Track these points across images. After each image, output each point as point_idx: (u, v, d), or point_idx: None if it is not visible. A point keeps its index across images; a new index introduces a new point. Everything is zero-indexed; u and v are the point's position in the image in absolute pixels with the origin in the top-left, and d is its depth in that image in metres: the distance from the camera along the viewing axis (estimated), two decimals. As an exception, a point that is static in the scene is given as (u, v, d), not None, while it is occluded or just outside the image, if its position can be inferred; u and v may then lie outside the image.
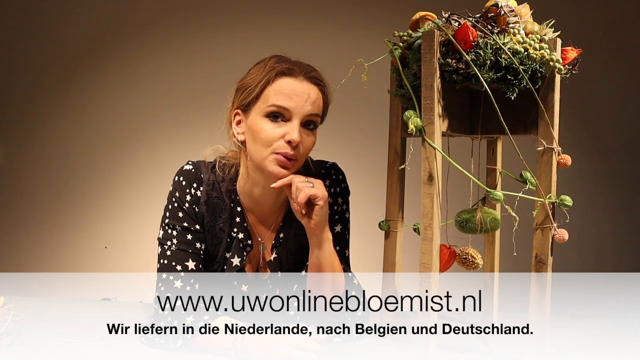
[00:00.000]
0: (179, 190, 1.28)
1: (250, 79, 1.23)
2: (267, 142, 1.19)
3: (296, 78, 1.20)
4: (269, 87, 1.20)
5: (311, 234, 1.22)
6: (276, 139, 1.19)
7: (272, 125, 1.19)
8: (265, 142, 1.19)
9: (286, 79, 1.20)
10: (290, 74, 1.20)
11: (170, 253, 1.25)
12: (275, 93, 1.19)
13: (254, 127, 1.21)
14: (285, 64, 1.21)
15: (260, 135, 1.19)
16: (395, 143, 1.32)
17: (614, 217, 3.03)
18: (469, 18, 1.05)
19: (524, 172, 1.11)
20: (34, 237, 3.10)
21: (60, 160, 3.11)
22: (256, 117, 1.21)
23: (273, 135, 1.19)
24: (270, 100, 1.19)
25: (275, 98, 1.18)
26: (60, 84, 3.10)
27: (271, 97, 1.19)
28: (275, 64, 1.21)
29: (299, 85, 1.20)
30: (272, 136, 1.19)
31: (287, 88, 1.19)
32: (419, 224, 1.14)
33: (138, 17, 3.08)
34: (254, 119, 1.21)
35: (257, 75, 1.22)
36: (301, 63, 1.23)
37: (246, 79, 1.24)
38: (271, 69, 1.20)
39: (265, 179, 1.26)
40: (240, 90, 1.24)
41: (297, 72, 1.20)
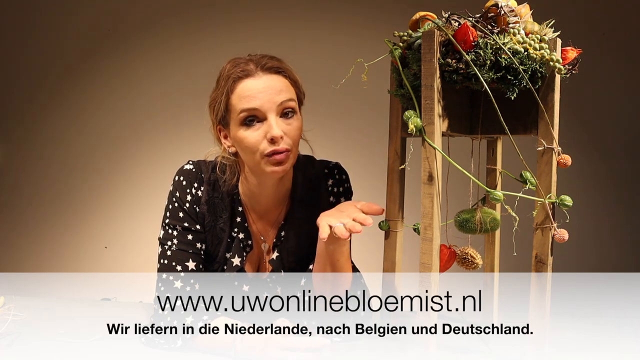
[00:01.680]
0: (179, 190, 1.28)
1: (215, 94, 1.23)
2: (252, 148, 1.19)
3: (254, 77, 1.19)
4: (232, 97, 1.19)
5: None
6: (260, 142, 1.18)
7: (250, 131, 1.18)
8: (251, 149, 1.19)
9: (244, 81, 1.19)
10: (246, 75, 1.19)
11: (171, 253, 1.25)
12: (239, 99, 1.18)
13: (236, 139, 1.21)
14: (238, 67, 1.20)
15: (244, 143, 1.19)
16: (395, 143, 1.32)
17: (614, 217, 3.03)
18: (469, 18, 1.05)
19: (524, 172, 1.11)
20: (34, 237, 3.10)
21: (61, 160, 3.11)
22: (234, 128, 1.21)
23: (255, 140, 1.18)
24: (237, 108, 1.18)
25: (241, 104, 1.18)
26: (60, 84, 3.10)
27: (237, 105, 1.18)
28: (229, 72, 1.20)
29: (258, 82, 1.19)
30: (255, 141, 1.18)
31: (248, 90, 1.18)
32: (419, 224, 1.14)
33: (138, 17, 3.08)
34: (233, 131, 1.21)
35: (218, 88, 1.22)
36: (255, 58, 1.22)
37: (212, 94, 1.25)
38: (227, 78, 1.20)
39: (265, 178, 1.26)
40: (211, 107, 1.25)
41: (253, 70, 1.19)
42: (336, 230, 1.09)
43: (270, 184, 1.28)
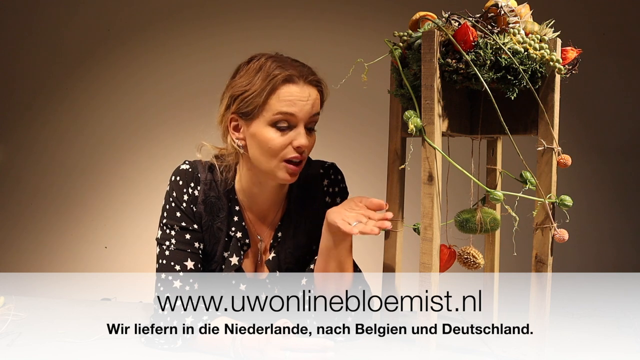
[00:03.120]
0: (176, 190, 1.28)
1: (249, 86, 1.20)
2: (275, 151, 1.19)
3: (297, 84, 1.19)
4: (272, 96, 1.18)
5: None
6: (284, 147, 1.19)
7: (278, 134, 1.18)
8: (274, 152, 1.19)
9: (290, 86, 1.18)
10: (292, 80, 1.18)
11: (169, 253, 1.25)
12: (280, 101, 1.17)
13: (259, 137, 1.19)
14: (286, 69, 1.19)
15: (269, 145, 1.19)
16: (395, 143, 1.32)
17: (614, 217, 3.03)
18: (469, 18, 1.05)
19: (524, 172, 1.11)
20: (34, 237, 3.10)
21: (61, 160, 3.11)
22: (260, 126, 1.19)
23: (281, 144, 1.19)
24: (275, 109, 1.17)
25: (280, 106, 1.17)
26: (60, 84, 3.10)
27: (276, 106, 1.17)
28: (275, 71, 1.18)
29: (301, 91, 1.19)
30: (280, 145, 1.19)
31: (292, 95, 1.18)
32: (419, 224, 1.14)
33: (138, 17, 3.08)
34: (258, 128, 1.19)
35: (256, 82, 1.19)
36: (299, 66, 1.22)
37: (242, 84, 1.21)
38: (273, 77, 1.17)
39: (270, 180, 1.26)
40: (237, 97, 1.21)
41: (298, 78, 1.19)
42: (356, 230, 1.10)
43: (272, 185, 1.28)
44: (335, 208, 1.19)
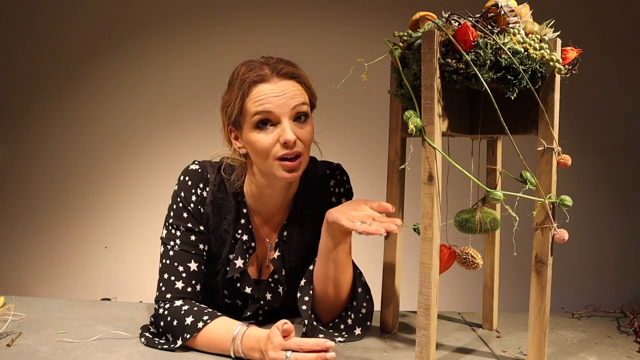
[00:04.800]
0: (184, 190, 1.28)
1: (228, 96, 1.23)
2: (264, 151, 1.19)
3: (269, 81, 1.19)
4: (246, 100, 1.19)
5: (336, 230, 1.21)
6: (272, 146, 1.19)
7: (263, 135, 1.19)
8: (264, 152, 1.19)
9: (259, 86, 1.19)
10: (262, 80, 1.19)
11: (173, 253, 1.25)
12: (253, 103, 1.18)
13: (249, 141, 1.21)
14: (254, 71, 1.20)
15: (256, 146, 1.20)
16: (395, 143, 1.32)
17: (614, 217, 3.03)
18: (469, 18, 1.05)
19: (524, 172, 1.11)
20: (34, 237, 3.10)
21: (61, 160, 3.10)
22: (247, 130, 1.21)
23: (268, 143, 1.19)
24: (251, 111, 1.19)
25: (255, 107, 1.18)
26: (60, 85, 3.10)
27: (251, 108, 1.19)
28: (244, 75, 1.20)
29: (274, 87, 1.19)
30: (267, 144, 1.19)
31: (264, 94, 1.18)
32: (419, 224, 1.14)
33: (138, 18, 3.08)
34: (246, 133, 1.21)
35: (233, 91, 1.22)
36: (271, 62, 1.22)
37: (225, 96, 1.25)
38: (242, 82, 1.20)
39: (274, 182, 1.26)
40: (223, 109, 1.25)
41: (269, 75, 1.19)
42: (360, 228, 1.11)
43: (279, 186, 1.28)
44: (336, 208, 1.19)
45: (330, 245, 1.22)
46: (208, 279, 1.33)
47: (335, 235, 1.20)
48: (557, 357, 1.20)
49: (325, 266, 1.24)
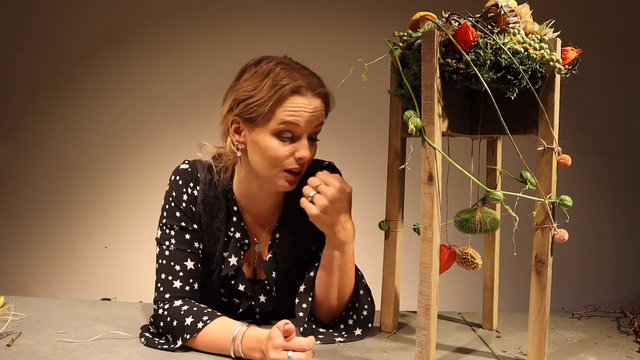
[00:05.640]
0: (175, 190, 1.28)
1: (254, 92, 1.17)
2: (277, 161, 1.18)
3: (304, 95, 1.17)
4: (278, 106, 1.16)
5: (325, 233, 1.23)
6: (286, 157, 1.18)
7: (280, 144, 1.17)
8: (275, 161, 1.18)
9: (297, 97, 1.16)
10: (300, 92, 1.16)
11: (169, 253, 1.25)
12: (285, 112, 1.15)
13: (261, 144, 1.18)
14: (294, 80, 1.16)
15: (269, 153, 1.18)
16: (395, 143, 1.32)
17: (614, 217, 3.03)
18: (469, 18, 1.05)
19: (524, 172, 1.11)
20: (34, 237, 3.10)
21: (61, 160, 3.10)
22: (264, 134, 1.18)
23: (283, 154, 1.18)
24: (280, 119, 1.16)
25: (285, 117, 1.15)
26: (60, 85, 3.10)
27: (281, 116, 1.16)
28: (284, 80, 1.15)
29: (308, 103, 1.17)
30: (282, 155, 1.18)
31: (298, 107, 1.16)
32: (419, 224, 1.14)
33: (138, 18, 3.08)
34: (261, 136, 1.18)
35: (263, 88, 1.16)
36: (308, 75, 1.20)
37: (248, 88, 1.18)
38: (281, 87, 1.15)
39: (267, 186, 1.26)
40: (241, 101, 1.18)
41: (306, 89, 1.17)
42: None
43: (271, 190, 1.28)
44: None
45: (329, 254, 1.24)
46: (204, 278, 1.32)
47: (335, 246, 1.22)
48: (557, 357, 1.20)
49: (330, 274, 1.25)
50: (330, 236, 1.22)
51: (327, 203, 1.17)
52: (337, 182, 1.19)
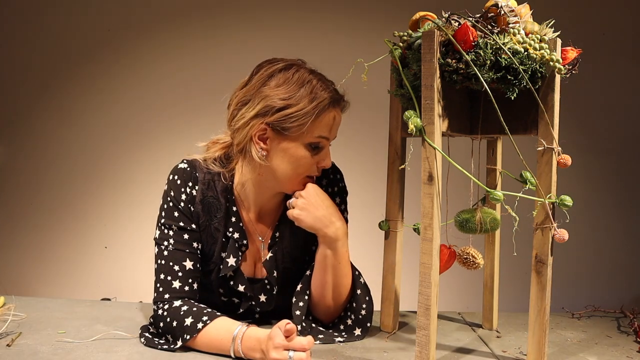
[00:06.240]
0: (174, 190, 1.28)
1: (292, 101, 1.16)
2: (304, 169, 1.23)
3: (336, 109, 1.23)
4: (317, 120, 1.19)
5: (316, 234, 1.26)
6: (311, 165, 1.24)
7: (310, 154, 1.22)
8: (303, 169, 1.23)
9: (332, 111, 1.21)
10: (334, 105, 1.22)
11: (168, 253, 1.25)
12: (322, 126, 1.20)
13: (291, 154, 1.21)
14: (329, 92, 1.20)
15: (300, 162, 1.22)
16: (395, 143, 1.32)
17: (614, 217, 3.03)
18: (469, 18, 1.05)
19: (524, 172, 1.11)
20: (34, 237, 3.10)
21: (61, 160, 3.10)
22: (295, 144, 1.20)
23: (310, 163, 1.23)
24: (317, 132, 1.20)
25: (322, 132, 1.21)
26: (60, 85, 3.10)
27: (317, 129, 1.20)
28: (323, 92, 1.18)
29: (338, 117, 1.25)
30: (310, 164, 1.23)
31: (331, 121, 1.22)
32: (419, 224, 1.14)
33: (138, 18, 3.08)
34: (292, 145, 1.20)
35: (301, 99, 1.16)
36: (331, 86, 1.23)
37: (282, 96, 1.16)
38: (321, 100, 1.18)
39: (275, 185, 1.27)
40: (277, 110, 1.16)
41: (337, 102, 1.22)
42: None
43: (278, 191, 1.29)
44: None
45: (321, 253, 1.24)
46: (203, 279, 1.32)
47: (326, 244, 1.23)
48: (557, 357, 1.20)
49: (324, 273, 1.25)
50: (319, 234, 1.24)
51: (304, 201, 1.23)
52: (310, 183, 1.26)
